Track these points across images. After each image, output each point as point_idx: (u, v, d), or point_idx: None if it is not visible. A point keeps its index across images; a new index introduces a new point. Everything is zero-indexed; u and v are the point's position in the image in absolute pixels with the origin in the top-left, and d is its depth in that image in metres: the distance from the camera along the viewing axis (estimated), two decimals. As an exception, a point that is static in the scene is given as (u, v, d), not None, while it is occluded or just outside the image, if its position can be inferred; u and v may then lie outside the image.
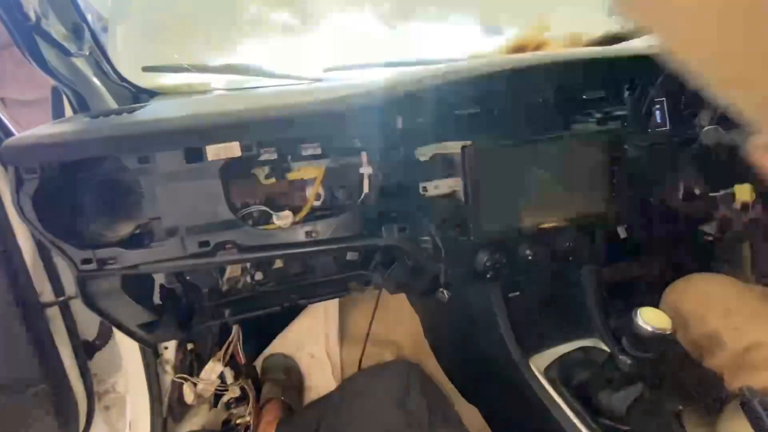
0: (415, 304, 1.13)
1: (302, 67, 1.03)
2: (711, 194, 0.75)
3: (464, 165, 0.62)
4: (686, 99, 0.82)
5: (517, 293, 0.75)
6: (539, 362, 0.69)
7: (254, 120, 0.55)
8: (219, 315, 0.85)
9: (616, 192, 0.69)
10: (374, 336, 1.09)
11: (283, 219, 0.62)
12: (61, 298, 0.76)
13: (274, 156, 0.63)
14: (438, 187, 0.69)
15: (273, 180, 0.67)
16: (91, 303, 0.62)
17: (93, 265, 0.57)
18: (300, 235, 0.62)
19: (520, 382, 0.68)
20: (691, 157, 0.75)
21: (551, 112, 0.66)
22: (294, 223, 0.64)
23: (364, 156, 0.64)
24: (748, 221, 0.76)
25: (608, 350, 0.71)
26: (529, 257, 0.68)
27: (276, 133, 0.57)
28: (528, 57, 0.62)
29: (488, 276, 0.67)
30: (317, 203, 0.70)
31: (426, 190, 0.68)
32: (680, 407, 0.88)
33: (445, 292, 0.67)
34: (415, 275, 0.77)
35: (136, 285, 0.66)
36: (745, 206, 0.74)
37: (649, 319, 0.51)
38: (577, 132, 0.66)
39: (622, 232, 0.76)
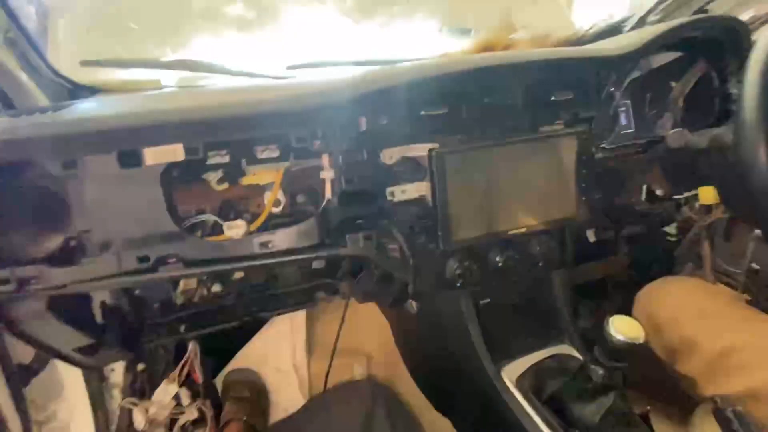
0: (386, 313, 1.09)
1: (263, 65, 0.97)
2: (675, 196, 0.76)
3: (431, 169, 0.59)
4: (650, 102, 0.82)
5: (488, 300, 0.73)
6: (511, 372, 0.67)
7: (198, 119, 0.49)
8: (173, 331, 0.78)
9: (586, 194, 0.68)
10: (343, 347, 1.04)
11: (234, 229, 0.57)
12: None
13: (226, 159, 0.58)
14: (405, 191, 0.65)
15: (226, 185, 0.62)
16: (13, 328, 0.54)
17: (11, 286, 0.49)
18: (254, 246, 0.57)
19: (492, 394, 0.66)
20: (655, 160, 0.75)
21: (519, 113, 0.64)
22: (249, 233, 0.59)
23: (325, 159, 0.60)
24: (710, 223, 0.77)
25: (580, 357, 0.69)
26: (500, 263, 0.65)
27: (224, 134, 0.52)
28: (497, 56, 0.59)
29: (458, 284, 0.64)
30: (276, 210, 0.65)
31: (393, 195, 0.65)
32: (648, 408, 0.89)
33: (413, 303, 0.64)
34: (384, 284, 0.73)
35: (70, 304, 0.58)
36: (708, 208, 0.75)
37: (621, 328, 0.50)
38: (546, 134, 0.64)
39: (591, 236, 0.76)
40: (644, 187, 0.81)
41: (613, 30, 1.10)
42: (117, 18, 0.84)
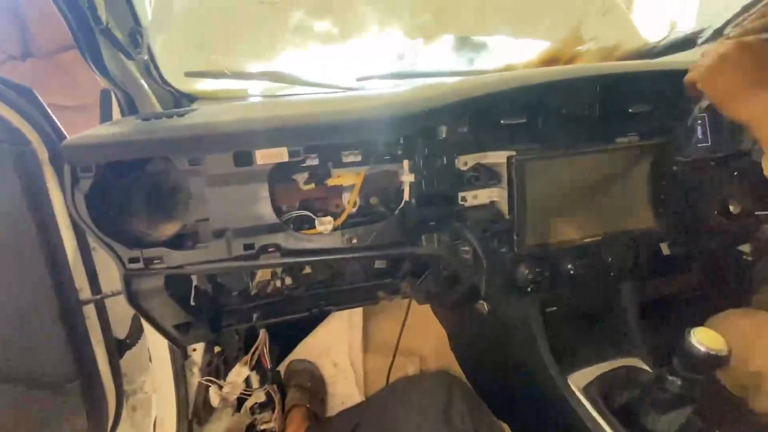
0: (442, 317, 1.12)
1: (335, 76, 1.05)
2: (756, 213, 0.73)
3: (510, 175, 0.61)
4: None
5: (555, 308, 0.73)
6: (578, 380, 0.67)
7: (305, 126, 0.55)
8: (248, 318, 0.85)
9: (663, 206, 0.67)
10: (398, 347, 1.08)
11: (325, 224, 0.62)
12: (99, 296, 0.78)
13: (316, 162, 0.64)
14: (477, 197, 0.68)
15: (312, 185, 0.68)
16: (134, 301, 0.62)
17: (140, 264, 0.58)
18: (340, 241, 0.62)
19: (557, 400, 0.66)
20: (734, 175, 0.73)
21: (596, 124, 0.65)
22: (335, 229, 0.64)
23: (406, 164, 0.65)
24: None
25: (650, 370, 0.68)
26: (571, 271, 0.66)
27: (325, 139, 0.58)
28: (577, 68, 0.62)
29: (529, 289, 0.65)
30: (353, 210, 0.70)
31: (465, 200, 0.68)
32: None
33: (485, 303, 0.66)
34: (449, 286, 0.76)
35: (176, 286, 0.67)
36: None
37: (704, 339, 0.50)
38: (624, 144, 0.65)
39: (665, 249, 0.74)
40: (722, 202, 0.79)
41: (687, 42, 1.08)
42: (214, 33, 0.94)
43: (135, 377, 0.96)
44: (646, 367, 0.69)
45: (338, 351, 1.11)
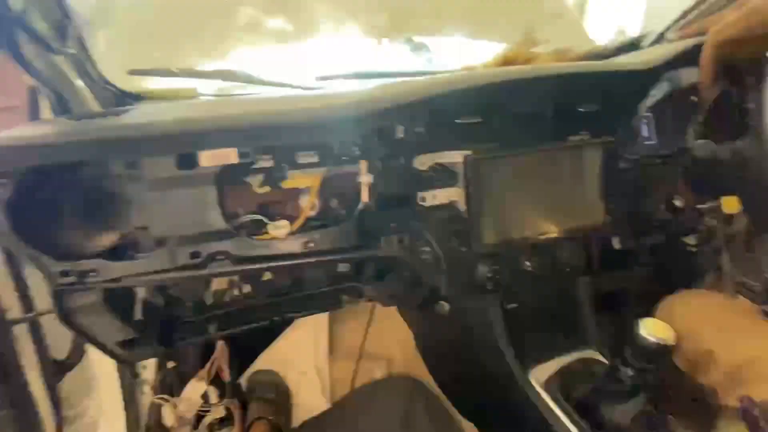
0: (408, 318, 1.11)
1: (294, 76, 1.02)
2: (698, 206, 0.77)
3: (466, 174, 0.61)
4: (673, 115, 0.85)
5: (515, 305, 0.74)
6: (539, 375, 0.69)
7: (255, 125, 0.52)
8: (203, 330, 0.81)
9: (611, 203, 0.70)
10: (365, 351, 1.06)
11: (279, 229, 0.60)
12: (31, 315, 0.71)
13: (270, 163, 0.61)
14: (436, 196, 0.68)
15: (267, 188, 0.65)
16: (67, 319, 0.57)
17: (72, 278, 0.53)
18: (297, 245, 0.60)
19: (520, 397, 0.67)
20: (678, 170, 0.77)
21: (548, 123, 0.67)
22: (290, 234, 0.62)
23: (363, 165, 0.63)
24: (733, 233, 0.78)
25: (606, 362, 0.71)
26: (529, 268, 0.67)
27: (277, 140, 0.55)
28: (529, 68, 0.62)
29: (489, 287, 0.66)
30: (312, 213, 0.68)
31: (424, 200, 0.67)
32: (670, 415, 0.89)
33: (445, 304, 0.66)
34: (411, 287, 0.75)
35: (117, 299, 0.61)
36: (729, 218, 0.76)
37: (652, 329, 0.51)
38: (573, 143, 0.67)
39: (616, 243, 0.77)
40: (665, 197, 0.83)
41: (633, 45, 1.13)
42: (160, 29, 0.89)
43: (77, 401, 0.89)
44: (602, 359, 0.72)
45: (303, 359, 1.08)
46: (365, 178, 0.63)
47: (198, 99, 0.94)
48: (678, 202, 0.82)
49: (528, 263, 0.67)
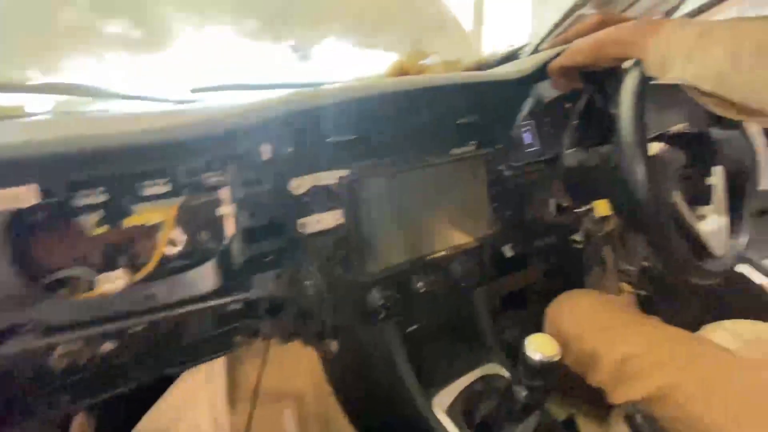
0: (317, 348, 1.02)
1: (165, 88, 0.89)
2: (575, 210, 0.81)
3: (344, 197, 0.56)
4: (551, 121, 0.89)
5: (415, 327, 0.71)
6: (444, 399, 0.65)
7: (56, 154, 0.41)
8: (54, 405, 0.64)
9: (498, 213, 0.69)
10: (271, 390, 0.95)
11: (111, 282, 0.48)
12: None
13: (102, 198, 0.49)
14: (320, 221, 0.61)
15: (106, 228, 0.53)
16: None
17: None
18: (138, 299, 0.49)
19: (425, 427, 0.63)
20: (558, 176, 0.80)
21: (430, 137, 0.64)
22: (134, 284, 0.50)
23: (224, 193, 0.54)
24: (608, 232, 0.84)
25: (507, 375, 0.70)
26: (423, 289, 0.64)
27: (89, 170, 0.44)
28: (397, 81, 0.59)
29: (382, 316, 0.61)
30: (174, 252, 0.57)
31: (305, 227, 0.60)
32: (574, 411, 0.93)
33: (333, 342, 0.59)
34: (304, 321, 0.68)
35: None
36: (603, 219, 0.81)
37: (538, 346, 0.50)
38: (456, 156, 0.65)
39: (508, 251, 0.78)
40: (552, 200, 0.87)
41: (513, 56, 1.19)
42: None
43: None
44: (504, 371, 0.71)
45: (197, 410, 0.93)
46: (228, 209, 0.54)
47: (28, 118, 0.76)
48: (561, 204, 0.86)
49: (421, 284, 0.63)
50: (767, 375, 0.58)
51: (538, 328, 0.87)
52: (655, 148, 0.64)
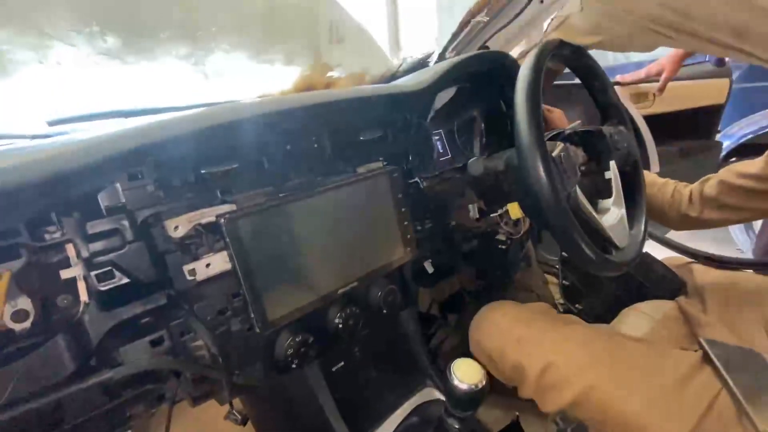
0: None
1: (18, 121, 0.74)
2: (491, 214, 0.81)
3: (225, 239, 0.47)
4: (459, 129, 0.88)
5: (341, 364, 0.64)
6: (378, 440, 0.59)
7: None
8: None
9: (411, 230, 0.65)
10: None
11: None
12: None
13: None
14: (211, 265, 0.52)
15: None
16: None
17: None
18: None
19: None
20: (468, 183, 0.79)
21: (330, 158, 0.59)
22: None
23: (70, 250, 0.43)
24: (523, 232, 0.85)
25: (442, 397, 0.66)
26: (340, 325, 0.57)
27: None
28: (292, 98, 0.52)
29: (294, 365, 0.53)
30: (20, 327, 0.44)
31: (194, 274, 0.51)
32: (517, 414, 0.92)
33: (236, 413, 0.50)
34: (210, 383, 0.58)
35: None
36: (518, 221, 0.82)
37: (463, 375, 0.46)
38: (357, 177, 0.60)
39: (429, 267, 0.74)
40: (472, 205, 0.86)
41: (421, 65, 1.19)
42: None
43: None
44: (439, 394, 0.67)
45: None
46: (76, 270, 0.43)
47: None
48: (478, 209, 0.86)
49: (337, 320, 0.57)
50: (671, 359, 0.61)
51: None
52: (554, 147, 0.65)
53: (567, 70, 0.83)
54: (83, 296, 0.43)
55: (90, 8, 0.62)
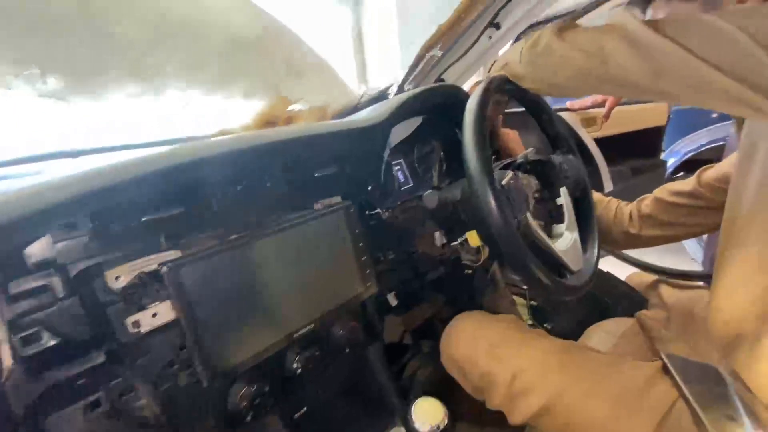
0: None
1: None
2: (452, 243, 0.81)
3: (169, 288, 0.45)
4: (420, 158, 0.90)
5: (304, 409, 0.61)
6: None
7: None
8: None
9: (375, 262, 0.65)
10: None
11: None
12: None
13: None
14: (158, 314, 0.49)
15: None
16: None
17: None
18: None
19: None
20: (426, 214, 0.80)
21: (284, 197, 0.58)
22: None
23: (-8, 311, 0.40)
24: (485, 258, 0.86)
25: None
26: (299, 370, 0.55)
27: None
28: (235, 139, 0.52)
29: (249, 417, 0.50)
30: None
31: (139, 326, 0.48)
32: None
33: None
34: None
35: None
36: (478, 248, 0.83)
37: (424, 415, 0.45)
38: (314, 214, 0.59)
39: (392, 300, 0.73)
40: (437, 233, 0.86)
41: (381, 97, 1.22)
42: None
43: None
44: (408, 433, 0.65)
45: None
46: (-1, 333, 0.39)
47: None
48: (440, 237, 0.86)
49: (295, 364, 0.55)
50: (633, 369, 0.63)
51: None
52: (504, 176, 0.67)
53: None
54: (6, 361, 0.40)
55: (28, 51, 0.60)
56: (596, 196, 0.95)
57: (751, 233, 0.56)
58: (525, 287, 1.35)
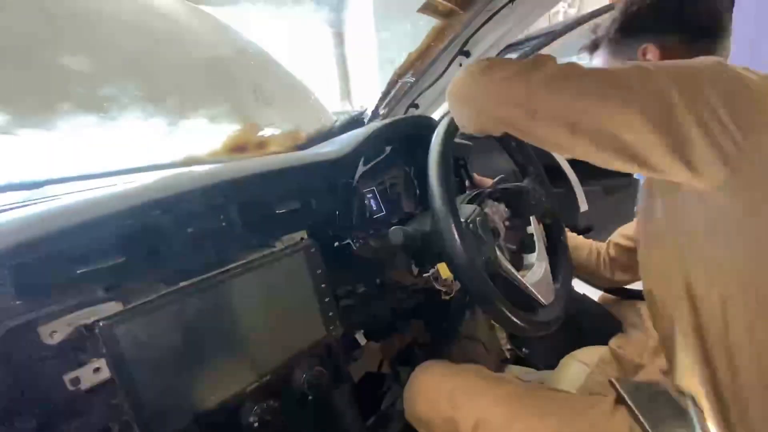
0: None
1: None
2: (424, 274, 0.80)
3: (103, 348, 0.42)
4: (392, 186, 0.89)
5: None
6: None
7: None
8: None
9: (333, 307, 0.61)
10: None
11: None
12: None
13: None
14: (100, 369, 0.46)
15: None
16: None
17: None
18: None
19: None
20: (396, 247, 0.77)
21: (240, 236, 0.55)
22: None
23: None
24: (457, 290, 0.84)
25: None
26: (256, 423, 0.51)
27: None
28: (183, 179, 0.49)
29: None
30: None
31: (78, 383, 0.44)
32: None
33: None
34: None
35: None
36: (450, 279, 0.81)
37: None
38: (270, 256, 0.55)
39: (361, 339, 0.71)
40: (406, 264, 0.84)
41: (356, 121, 1.21)
42: None
43: None
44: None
45: None
46: None
47: None
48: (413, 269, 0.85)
49: (252, 418, 0.51)
50: (592, 407, 0.62)
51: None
52: (470, 211, 0.66)
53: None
54: None
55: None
56: (580, 240, 0.96)
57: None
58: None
